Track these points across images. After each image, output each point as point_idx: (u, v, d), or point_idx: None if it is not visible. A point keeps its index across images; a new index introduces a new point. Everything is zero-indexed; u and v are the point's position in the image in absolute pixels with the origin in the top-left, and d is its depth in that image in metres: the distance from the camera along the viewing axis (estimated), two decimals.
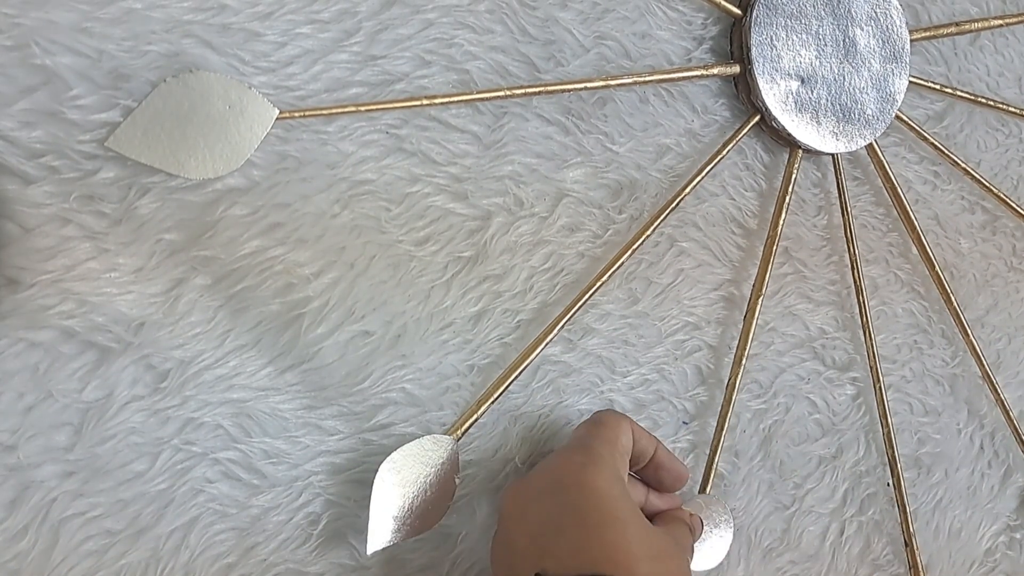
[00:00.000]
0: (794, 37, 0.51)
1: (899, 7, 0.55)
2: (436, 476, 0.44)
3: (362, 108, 0.42)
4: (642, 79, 0.49)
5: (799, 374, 0.56)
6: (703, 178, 0.51)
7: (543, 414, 0.48)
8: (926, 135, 0.58)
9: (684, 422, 0.53)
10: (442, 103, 0.44)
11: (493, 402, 0.45)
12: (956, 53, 0.61)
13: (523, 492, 0.41)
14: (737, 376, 0.52)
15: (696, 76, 0.51)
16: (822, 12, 0.52)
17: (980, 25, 0.60)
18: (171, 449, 0.40)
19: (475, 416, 0.45)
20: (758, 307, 0.53)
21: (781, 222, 0.53)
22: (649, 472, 0.46)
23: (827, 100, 0.52)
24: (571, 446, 0.43)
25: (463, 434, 0.45)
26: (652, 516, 0.46)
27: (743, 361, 0.52)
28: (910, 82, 0.56)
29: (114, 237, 0.39)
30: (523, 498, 0.41)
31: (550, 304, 0.48)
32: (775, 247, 0.53)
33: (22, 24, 0.37)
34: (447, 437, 0.44)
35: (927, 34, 0.58)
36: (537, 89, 0.46)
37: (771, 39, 0.51)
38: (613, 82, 0.48)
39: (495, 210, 0.47)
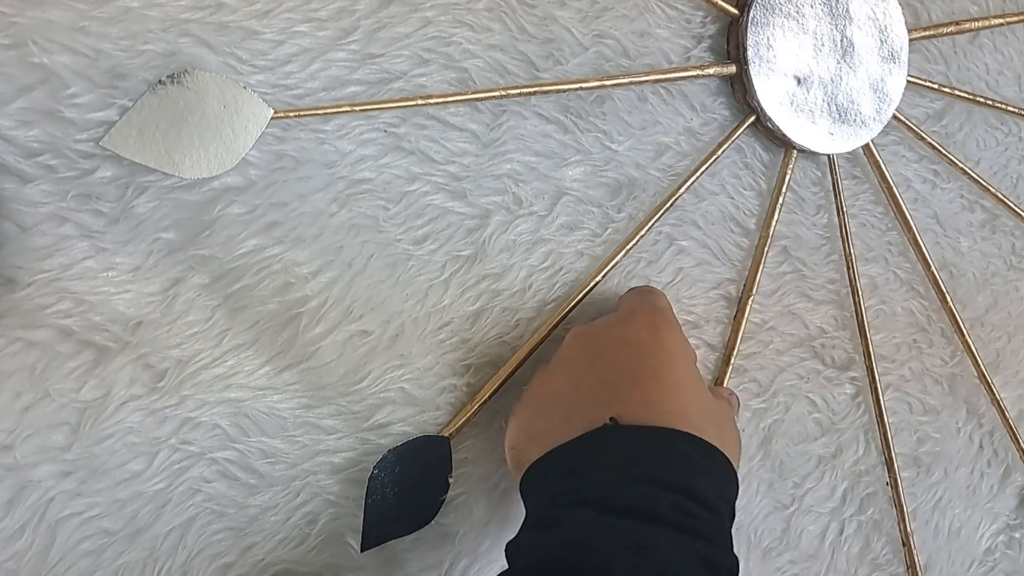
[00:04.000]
0: (791, 37, 0.51)
1: (898, 6, 0.54)
2: (429, 475, 0.44)
3: (357, 108, 0.42)
4: (639, 79, 0.49)
5: (798, 373, 0.56)
6: (701, 176, 0.51)
7: None
8: (924, 134, 0.58)
9: None
10: (440, 102, 0.44)
11: (486, 401, 0.45)
12: (956, 52, 0.61)
13: (596, 338, 0.41)
14: (726, 375, 0.52)
15: (692, 76, 0.51)
16: (820, 12, 0.52)
17: (980, 24, 0.60)
18: (168, 449, 0.40)
19: (468, 415, 0.45)
20: (748, 307, 0.53)
21: (774, 223, 0.53)
22: None
23: (823, 101, 0.52)
24: (640, 307, 0.43)
25: (457, 433, 0.45)
26: None
27: (731, 360, 0.52)
28: (909, 81, 0.56)
29: (111, 236, 0.39)
30: (596, 344, 0.41)
31: (549, 302, 0.48)
32: (767, 247, 0.53)
33: (19, 23, 0.37)
34: (441, 436, 0.44)
35: (927, 33, 0.58)
36: (535, 88, 0.46)
37: (768, 39, 0.51)
38: (611, 82, 0.48)
39: (494, 208, 0.47)
